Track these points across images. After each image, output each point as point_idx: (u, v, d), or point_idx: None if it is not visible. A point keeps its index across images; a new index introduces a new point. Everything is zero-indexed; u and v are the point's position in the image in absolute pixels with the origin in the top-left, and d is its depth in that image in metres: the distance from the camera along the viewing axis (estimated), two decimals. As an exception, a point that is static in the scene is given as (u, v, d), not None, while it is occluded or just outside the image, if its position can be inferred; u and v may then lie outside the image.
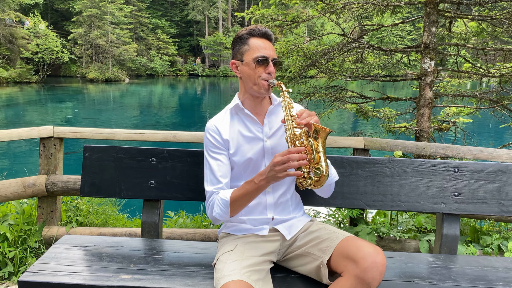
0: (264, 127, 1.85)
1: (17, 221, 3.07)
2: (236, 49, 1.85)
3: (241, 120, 1.87)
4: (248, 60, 1.79)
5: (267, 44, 1.80)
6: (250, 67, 1.78)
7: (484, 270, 1.95)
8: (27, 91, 30.30)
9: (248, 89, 1.84)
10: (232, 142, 1.84)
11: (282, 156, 1.55)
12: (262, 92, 1.80)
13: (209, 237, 3.21)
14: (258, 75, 1.77)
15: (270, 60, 1.78)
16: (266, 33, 1.81)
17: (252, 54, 1.78)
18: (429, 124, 4.92)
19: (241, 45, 1.82)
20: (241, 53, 1.82)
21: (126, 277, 1.74)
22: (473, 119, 6.11)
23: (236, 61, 1.85)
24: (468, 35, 5.75)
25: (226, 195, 1.74)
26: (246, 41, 1.81)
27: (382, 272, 1.51)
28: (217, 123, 1.87)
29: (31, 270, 1.77)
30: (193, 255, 1.99)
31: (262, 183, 1.63)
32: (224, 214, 1.74)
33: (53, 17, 47.37)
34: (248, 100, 1.87)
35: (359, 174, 2.21)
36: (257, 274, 1.59)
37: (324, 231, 1.78)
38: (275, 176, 1.57)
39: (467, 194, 2.19)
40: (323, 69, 5.72)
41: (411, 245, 3.18)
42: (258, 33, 1.81)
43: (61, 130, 3.10)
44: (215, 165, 1.82)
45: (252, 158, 1.81)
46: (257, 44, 1.79)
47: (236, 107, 1.89)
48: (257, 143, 1.83)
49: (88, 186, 2.23)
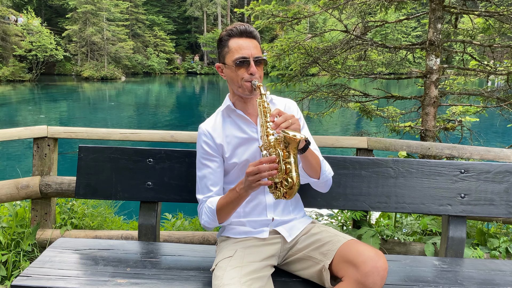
0: (258, 127, 1.84)
1: (10, 224, 3.07)
2: (219, 52, 1.84)
3: (233, 122, 1.88)
4: (229, 62, 1.78)
5: (247, 43, 1.76)
6: (231, 69, 1.77)
7: (491, 274, 1.94)
8: (20, 89, 30.29)
9: (234, 91, 1.85)
10: (226, 146, 1.84)
11: (253, 167, 1.55)
12: (247, 94, 1.79)
13: (207, 240, 3.21)
14: (240, 77, 1.75)
15: (251, 59, 1.74)
16: (245, 31, 1.77)
17: (232, 56, 1.76)
18: (435, 123, 4.92)
19: (223, 48, 1.81)
20: (223, 56, 1.81)
21: (122, 281, 1.74)
22: (480, 118, 6.10)
23: (220, 64, 1.85)
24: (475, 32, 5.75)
25: (213, 203, 1.77)
26: (226, 43, 1.79)
27: (383, 277, 1.51)
28: (209, 127, 1.87)
29: (24, 274, 1.77)
30: (191, 258, 1.99)
31: (242, 192, 1.65)
32: (212, 221, 1.78)
33: (47, 14, 47.33)
34: (238, 101, 1.88)
35: (362, 175, 2.21)
36: (258, 282, 1.59)
37: (326, 234, 1.78)
38: (250, 186, 1.58)
39: (473, 196, 2.19)
40: (325, 67, 5.72)
41: (416, 248, 3.18)
42: (237, 32, 1.77)
43: (55, 130, 3.10)
44: (206, 173, 1.84)
45: (249, 159, 1.82)
46: (236, 44, 1.76)
47: (227, 109, 1.89)
48: (252, 143, 1.84)
49: (83, 188, 2.23)
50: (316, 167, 1.79)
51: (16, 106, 21.66)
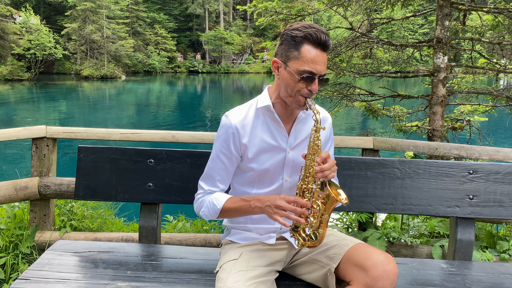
0: (290, 137, 1.77)
1: (8, 226, 3.08)
2: (284, 48, 1.65)
3: (266, 124, 1.76)
4: (293, 68, 1.62)
5: (320, 57, 1.61)
6: (292, 77, 1.62)
7: (501, 278, 1.94)
8: (18, 89, 30.42)
9: (282, 95, 1.71)
10: (251, 147, 1.75)
11: (287, 203, 1.55)
12: (295, 107, 1.69)
13: (210, 242, 3.21)
14: (298, 89, 1.63)
15: (316, 77, 1.62)
16: (324, 43, 1.61)
17: (299, 65, 1.60)
18: (442, 123, 4.91)
19: (291, 47, 1.63)
20: (287, 56, 1.64)
21: (122, 284, 1.74)
22: (489, 118, 6.08)
23: (279, 61, 1.67)
24: (484, 29, 5.73)
25: (219, 201, 1.74)
26: (299, 45, 1.61)
27: (393, 281, 1.50)
28: (238, 122, 1.75)
29: (23, 277, 1.77)
30: (193, 261, 1.99)
31: (256, 209, 1.64)
32: (211, 216, 1.77)
33: (45, 11, 47.48)
34: (279, 104, 1.75)
35: (368, 176, 2.21)
36: (262, 286, 1.59)
37: (332, 238, 1.78)
38: (270, 214, 1.58)
39: (482, 197, 2.19)
40: (330, 65, 5.72)
41: (424, 251, 3.17)
42: (316, 40, 1.60)
43: (54, 130, 3.11)
44: (218, 168, 1.79)
45: (269, 169, 1.76)
46: (309, 54, 1.59)
47: (265, 109, 1.76)
48: (278, 153, 1.76)
49: (83, 189, 2.24)
50: None
51: (14, 106, 21.75)
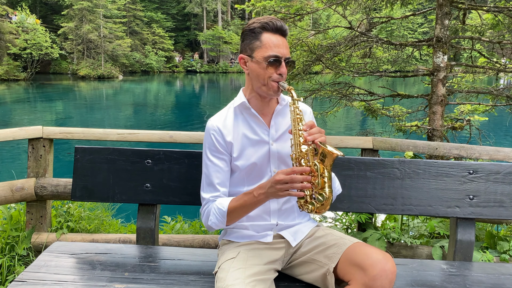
0: (271, 129, 1.82)
1: (5, 227, 3.08)
2: (246, 43, 1.77)
3: (245, 121, 1.84)
4: (259, 57, 1.72)
5: (281, 41, 1.73)
6: (260, 65, 1.72)
7: (501, 278, 1.94)
8: (14, 89, 30.38)
9: (255, 88, 1.79)
10: (235, 145, 1.81)
11: (285, 175, 1.54)
12: (271, 94, 1.76)
13: (208, 243, 3.21)
14: (268, 75, 1.72)
15: (283, 60, 1.72)
16: (281, 28, 1.74)
17: (264, 52, 1.71)
18: (442, 122, 4.92)
19: (252, 40, 1.75)
20: (251, 49, 1.75)
21: (120, 286, 1.74)
22: (489, 117, 6.10)
23: (245, 56, 1.78)
24: (483, 28, 5.74)
25: (223, 204, 1.73)
26: (259, 35, 1.73)
27: (392, 281, 1.51)
28: (220, 123, 1.82)
29: (19, 279, 1.77)
30: (191, 262, 1.99)
31: (261, 197, 1.63)
32: (220, 223, 1.75)
33: (42, 11, 47.42)
34: (254, 99, 1.83)
35: (367, 176, 2.21)
36: (262, 284, 1.59)
37: (331, 237, 1.78)
38: (275, 193, 1.57)
39: (483, 197, 2.19)
40: (329, 64, 5.72)
41: (423, 252, 3.17)
42: (273, 27, 1.73)
43: (50, 131, 3.10)
44: (213, 172, 1.81)
45: (257, 163, 1.79)
46: (270, 40, 1.72)
47: (241, 106, 1.84)
48: (262, 146, 1.81)
49: (80, 190, 2.24)
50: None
51: (10, 106, 21.72)
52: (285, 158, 1.81)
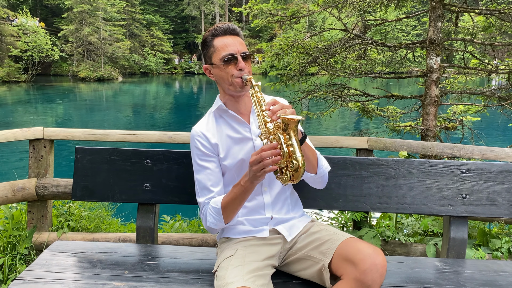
0: (251, 126, 1.86)
1: (6, 227, 3.07)
2: (205, 53, 1.87)
3: (226, 123, 1.88)
4: (216, 61, 1.80)
5: (232, 40, 1.80)
6: (220, 68, 1.79)
7: (493, 275, 1.95)
8: (15, 90, 30.28)
9: (225, 90, 1.85)
10: (221, 146, 1.85)
11: (256, 155, 1.55)
12: (239, 90, 1.80)
13: (206, 242, 3.21)
14: (230, 74, 1.78)
15: (238, 55, 1.78)
16: (229, 29, 1.82)
17: (218, 55, 1.79)
18: (435, 123, 4.93)
19: (208, 48, 1.84)
20: (209, 57, 1.84)
21: (120, 284, 1.74)
22: (481, 118, 6.11)
23: (207, 66, 1.87)
24: (476, 30, 5.76)
25: (217, 203, 1.76)
26: (211, 43, 1.82)
27: (382, 274, 1.52)
28: (202, 128, 1.88)
29: (21, 278, 1.76)
30: (190, 261, 1.99)
31: (247, 184, 1.64)
32: (218, 222, 1.76)
33: (42, 14, 47.27)
34: (229, 101, 1.88)
35: (362, 176, 2.21)
36: (261, 279, 1.60)
37: (325, 233, 1.79)
38: (255, 176, 1.58)
39: (475, 196, 2.19)
40: (325, 66, 5.73)
41: (417, 249, 3.18)
42: (221, 31, 1.82)
43: (51, 131, 3.10)
44: (204, 175, 1.83)
45: (244, 159, 1.82)
46: (221, 43, 1.80)
47: (219, 109, 1.89)
48: (246, 143, 1.85)
49: (80, 190, 2.23)
50: (313, 161, 1.80)
51: (11, 108, 21.64)
52: None
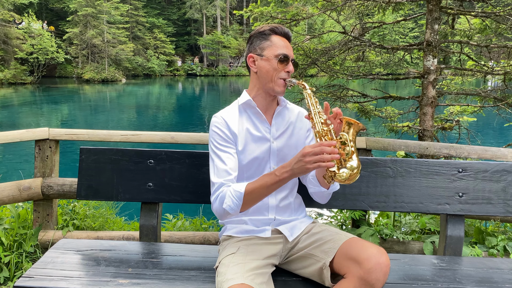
0: (272, 128, 1.85)
1: (13, 225, 3.07)
2: (256, 43, 1.84)
3: (249, 118, 1.86)
4: (269, 55, 1.79)
5: (288, 45, 1.83)
6: (270, 63, 1.79)
7: (489, 272, 1.95)
8: (21, 92, 30.29)
9: (263, 85, 1.83)
10: (240, 137, 1.81)
11: (314, 147, 1.50)
12: (278, 91, 1.80)
13: (208, 240, 3.21)
14: (277, 72, 1.78)
15: (290, 59, 1.80)
16: (287, 34, 1.85)
17: (274, 51, 1.79)
18: (432, 123, 4.92)
19: (262, 40, 1.83)
20: (261, 48, 1.82)
21: (124, 281, 1.74)
22: (477, 118, 6.10)
23: (254, 55, 1.84)
24: (472, 32, 5.75)
25: (240, 187, 1.68)
26: (268, 37, 1.82)
27: (386, 273, 1.52)
28: (225, 116, 1.84)
29: (27, 275, 1.77)
30: (192, 258, 1.99)
31: (284, 175, 1.59)
32: (236, 207, 1.67)
33: (47, 17, 47.29)
34: (260, 97, 1.86)
35: (361, 175, 2.21)
36: (260, 277, 1.60)
37: (327, 233, 1.79)
38: (303, 167, 1.52)
39: (471, 195, 2.19)
40: (324, 68, 5.72)
41: (415, 247, 3.18)
42: (281, 32, 1.84)
43: (56, 132, 3.10)
44: (224, 157, 1.77)
45: (258, 157, 1.80)
46: (280, 41, 1.81)
47: (246, 104, 1.86)
48: (264, 143, 1.83)
49: (85, 189, 2.23)
50: None
51: (17, 109, 21.65)
52: (284, 155, 1.84)
